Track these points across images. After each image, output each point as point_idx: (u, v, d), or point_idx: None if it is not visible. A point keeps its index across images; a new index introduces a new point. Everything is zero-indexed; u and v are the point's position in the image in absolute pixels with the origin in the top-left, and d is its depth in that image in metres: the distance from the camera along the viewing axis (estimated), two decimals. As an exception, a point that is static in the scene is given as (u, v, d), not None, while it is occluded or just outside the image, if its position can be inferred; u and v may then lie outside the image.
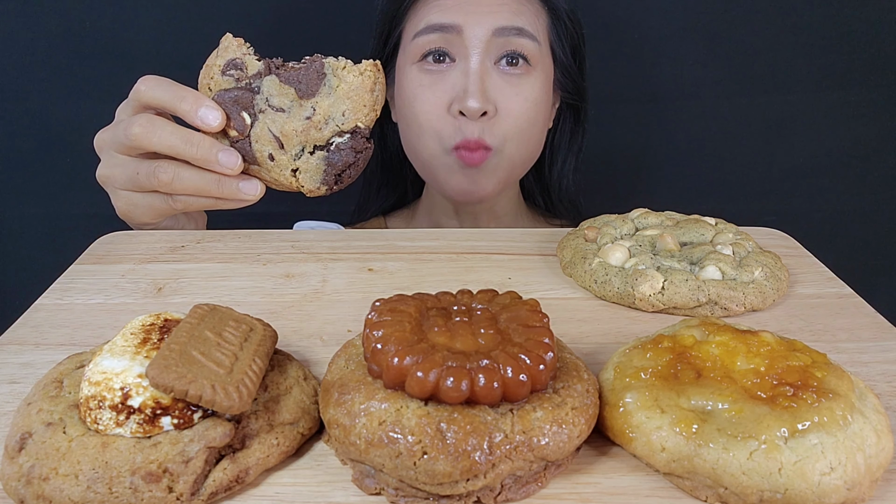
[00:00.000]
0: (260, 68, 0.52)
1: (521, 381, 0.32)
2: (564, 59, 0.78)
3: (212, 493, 0.32)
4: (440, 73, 0.72)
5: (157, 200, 0.56)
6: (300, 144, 0.51)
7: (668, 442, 0.32)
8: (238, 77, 0.52)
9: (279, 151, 0.51)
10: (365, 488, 0.33)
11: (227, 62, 0.52)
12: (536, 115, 0.74)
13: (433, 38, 0.71)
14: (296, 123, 0.51)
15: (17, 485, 0.31)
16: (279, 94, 0.51)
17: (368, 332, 0.34)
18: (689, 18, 0.94)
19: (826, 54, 0.95)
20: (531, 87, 0.73)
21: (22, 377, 0.40)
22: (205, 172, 0.53)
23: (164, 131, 0.52)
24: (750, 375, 0.34)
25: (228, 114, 0.51)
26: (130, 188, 0.56)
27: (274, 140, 0.51)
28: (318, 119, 0.50)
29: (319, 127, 0.50)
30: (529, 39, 0.72)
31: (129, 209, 0.58)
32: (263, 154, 0.51)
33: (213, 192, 0.53)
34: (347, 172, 0.52)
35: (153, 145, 0.53)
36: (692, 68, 0.96)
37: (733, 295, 0.47)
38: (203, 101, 0.52)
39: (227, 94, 0.51)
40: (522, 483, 0.32)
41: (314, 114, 0.50)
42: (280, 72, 0.51)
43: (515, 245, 0.58)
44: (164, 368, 0.32)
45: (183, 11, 0.91)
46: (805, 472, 0.31)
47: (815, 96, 0.97)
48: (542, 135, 0.79)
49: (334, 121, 0.51)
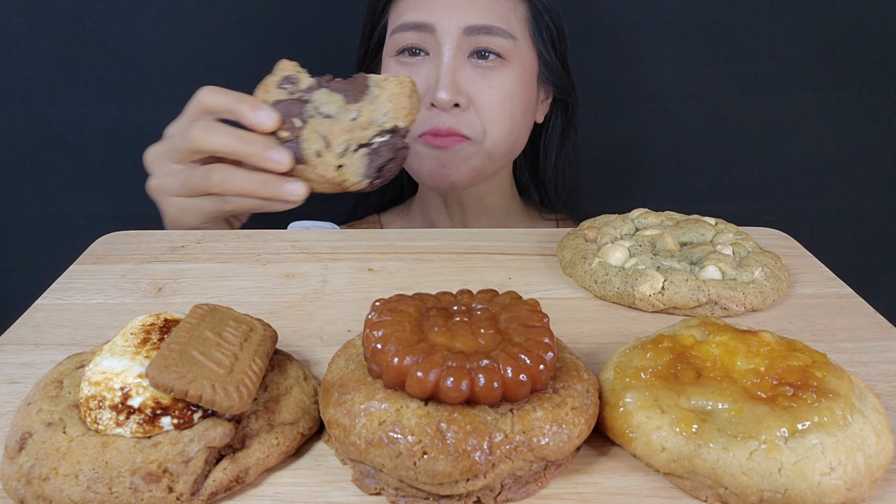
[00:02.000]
0: (311, 83, 0.57)
1: (521, 381, 0.32)
2: (546, 54, 0.79)
3: (212, 493, 0.32)
4: (415, 66, 0.74)
5: (208, 203, 0.58)
6: (345, 143, 0.55)
7: (668, 442, 0.32)
8: (291, 91, 0.57)
9: (325, 149, 0.55)
10: (365, 488, 0.33)
11: (283, 77, 0.57)
12: (512, 107, 0.75)
13: (408, 36, 0.74)
14: (342, 125, 0.55)
15: (17, 485, 0.31)
16: (328, 101, 0.56)
17: (368, 332, 0.34)
18: (689, 18, 0.94)
19: (826, 54, 0.95)
20: (504, 79, 0.74)
21: (22, 377, 0.40)
22: (254, 174, 0.56)
23: (220, 131, 0.56)
24: (750, 375, 0.34)
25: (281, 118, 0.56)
26: (183, 193, 0.59)
27: (321, 139, 0.55)
28: (362, 120, 0.55)
29: (363, 127, 0.55)
30: (501, 37, 0.73)
31: (180, 214, 0.60)
32: (311, 151, 0.55)
33: (260, 193, 0.56)
34: (388, 167, 0.56)
35: (211, 145, 0.56)
36: (692, 68, 0.96)
37: (733, 295, 0.47)
38: (259, 104, 0.56)
39: (280, 104, 0.56)
40: (522, 483, 0.32)
41: (359, 115, 0.55)
42: (329, 85, 0.57)
43: (515, 245, 0.58)
44: (164, 368, 0.32)
45: (183, 11, 0.91)
46: (805, 472, 0.31)
47: (816, 96, 0.97)
48: (524, 128, 0.80)
49: (377, 121, 0.55)
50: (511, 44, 0.74)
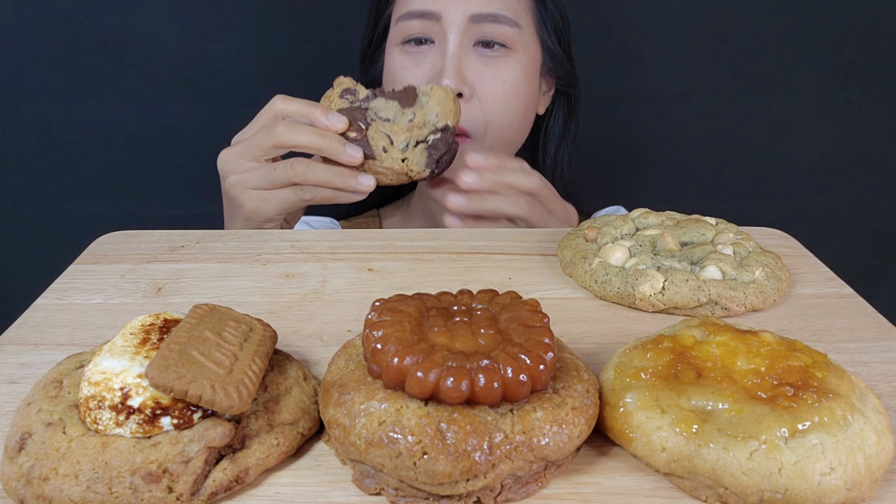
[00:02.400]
0: (367, 94, 0.66)
1: (522, 381, 0.32)
2: (550, 43, 0.79)
3: (212, 493, 0.32)
4: (420, 55, 0.75)
5: (288, 193, 0.64)
6: (406, 140, 0.65)
7: (669, 442, 0.32)
8: (352, 100, 0.66)
9: (390, 146, 0.64)
10: (365, 488, 0.33)
11: (344, 90, 0.66)
12: (516, 98, 0.75)
13: (414, 24, 0.74)
14: (401, 125, 0.65)
15: (16, 485, 0.31)
16: (385, 108, 0.65)
17: (368, 332, 0.34)
18: (691, 18, 0.94)
19: (826, 54, 0.95)
20: (509, 69, 0.74)
21: (21, 377, 0.40)
22: (331, 167, 0.63)
23: (303, 128, 0.63)
24: (750, 375, 0.34)
25: (350, 122, 0.64)
26: (264, 186, 0.64)
27: (385, 137, 0.64)
28: (417, 121, 0.65)
29: (419, 126, 0.65)
30: (506, 25, 0.74)
31: (259, 205, 0.65)
32: (378, 147, 0.64)
33: (337, 183, 0.63)
34: (444, 159, 0.65)
35: (295, 139, 0.62)
36: (693, 68, 0.96)
37: (734, 295, 0.47)
38: (329, 109, 0.64)
39: (345, 111, 0.64)
40: (522, 483, 0.32)
41: (414, 118, 0.65)
42: (384, 94, 0.66)
43: (516, 245, 0.58)
44: (164, 368, 0.32)
45: (183, 11, 0.91)
46: (805, 472, 0.31)
47: (817, 96, 0.97)
48: (525, 121, 0.80)
49: (430, 121, 0.65)
50: (516, 32, 0.74)
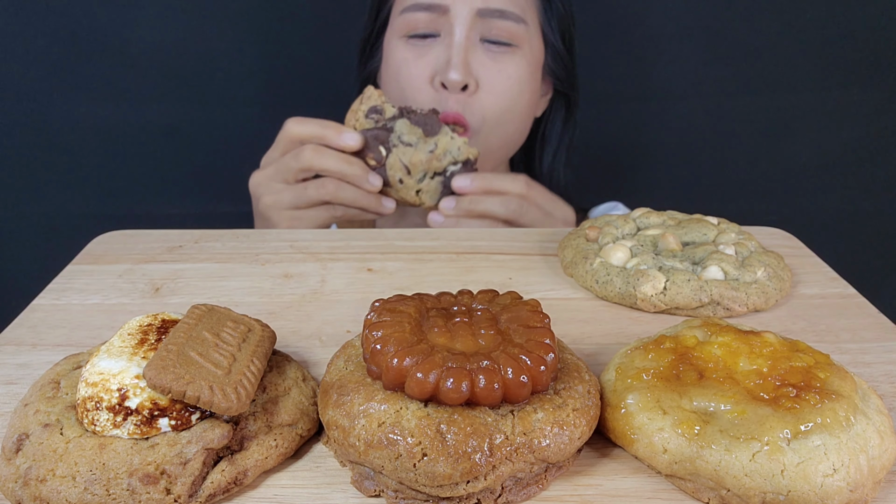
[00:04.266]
0: (394, 112, 0.67)
1: (522, 382, 0.31)
2: (554, 42, 0.79)
3: (210, 494, 0.32)
4: (425, 47, 0.74)
5: (319, 211, 0.67)
6: (423, 171, 0.66)
7: (670, 443, 0.32)
8: (377, 120, 0.67)
9: (407, 177, 0.66)
10: (364, 490, 0.32)
11: (370, 108, 0.67)
12: (519, 94, 0.75)
13: (419, 17, 0.74)
14: (421, 155, 0.66)
15: (14, 486, 0.31)
16: (409, 132, 0.66)
17: (368, 333, 0.34)
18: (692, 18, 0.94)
19: (827, 54, 0.94)
20: (515, 65, 0.74)
21: (19, 378, 0.40)
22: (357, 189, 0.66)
23: (328, 154, 0.65)
24: (752, 376, 0.34)
25: (370, 147, 0.66)
26: (296, 206, 0.67)
27: (403, 168, 0.66)
28: (438, 152, 0.66)
29: (439, 158, 0.66)
30: (513, 21, 0.74)
31: (292, 224, 0.68)
32: (395, 178, 0.66)
33: (363, 204, 0.66)
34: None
35: (321, 164, 0.65)
36: (694, 68, 0.96)
37: (736, 295, 0.47)
38: (342, 128, 0.66)
39: (368, 132, 0.66)
40: (523, 485, 0.32)
41: (436, 148, 0.66)
42: (410, 116, 0.67)
43: (516, 245, 0.57)
44: (162, 369, 0.31)
45: (183, 11, 0.91)
46: (808, 473, 0.30)
47: (818, 95, 0.96)
48: (524, 121, 0.80)
49: (451, 153, 0.66)
50: (523, 29, 0.74)
